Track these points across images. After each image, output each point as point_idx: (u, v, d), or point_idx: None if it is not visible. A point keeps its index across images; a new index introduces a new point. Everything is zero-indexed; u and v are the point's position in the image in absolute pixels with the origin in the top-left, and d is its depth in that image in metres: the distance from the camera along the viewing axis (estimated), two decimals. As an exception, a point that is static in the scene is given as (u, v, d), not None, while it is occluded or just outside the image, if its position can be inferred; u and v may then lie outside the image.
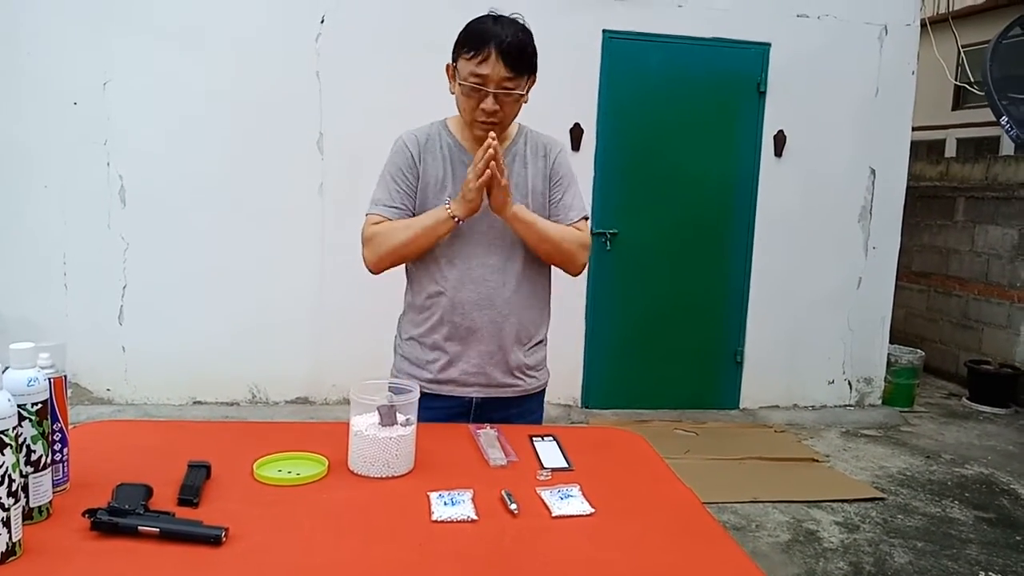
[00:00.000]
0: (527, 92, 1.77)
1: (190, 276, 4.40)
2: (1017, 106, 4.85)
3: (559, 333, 1.75)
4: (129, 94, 4.26)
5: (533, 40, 1.74)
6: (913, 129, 5.14)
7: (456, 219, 1.71)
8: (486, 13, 1.75)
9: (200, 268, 4.40)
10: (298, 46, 4.36)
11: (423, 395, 1.67)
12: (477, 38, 1.68)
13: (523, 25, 1.74)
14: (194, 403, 4.49)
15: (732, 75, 4.79)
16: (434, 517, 1.25)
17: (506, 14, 1.74)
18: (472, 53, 1.68)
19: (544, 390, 1.94)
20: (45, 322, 4.27)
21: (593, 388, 4.88)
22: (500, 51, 1.66)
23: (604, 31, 4.59)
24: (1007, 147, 8.30)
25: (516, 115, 1.80)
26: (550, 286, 1.92)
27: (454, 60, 1.75)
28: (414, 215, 1.79)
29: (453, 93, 1.78)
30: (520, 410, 1.87)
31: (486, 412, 1.82)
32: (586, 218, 1.88)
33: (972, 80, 7.41)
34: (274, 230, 4.45)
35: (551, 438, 1.65)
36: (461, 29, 1.74)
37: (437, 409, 1.77)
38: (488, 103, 1.71)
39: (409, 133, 1.85)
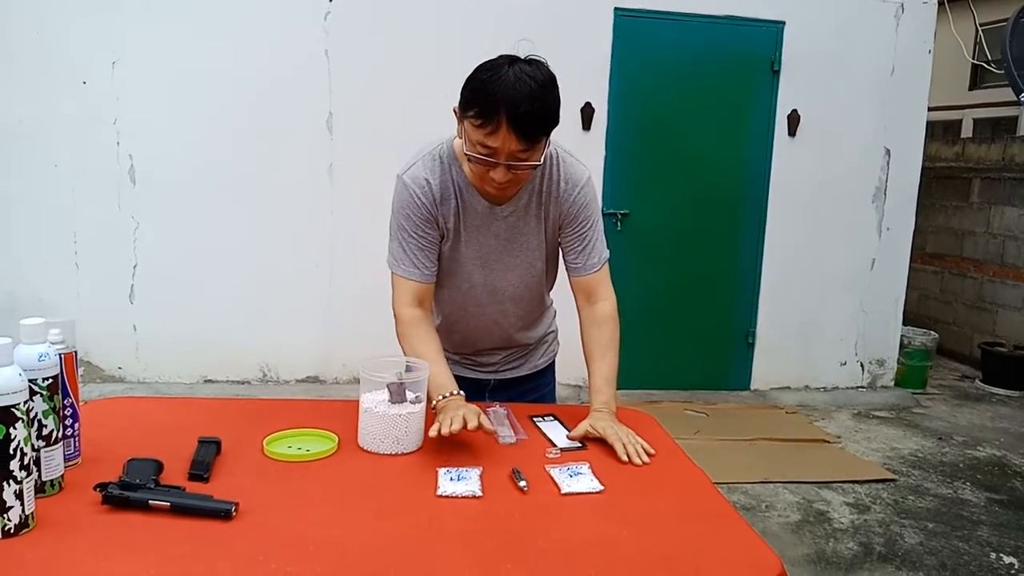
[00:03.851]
0: (545, 151, 1.49)
1: (200, 255, 4.41)
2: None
3: (571, 314, 1.73)
4: (138, 73, 4.24)
5: (555, 90, 1.42)
6: (929, 109, 5.07)
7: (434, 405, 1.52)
8: (500, 56, 1.42)
9: (210, 247, 4.40)
10: (307, 24, 4.33)
11: None
12: (486, 102, 1.37)
13: (544, 75, 1.40)
14: (205, 381, 4.52)
15: (746, 53, 4.73)
16: (439, 492, 1.26)
17: (523, 55, 1.42)
18: (480, 121, 1.39)
19: (553, 363, 1.94)
20: (56, 301, 4.29)
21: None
22: (512, 123, 1.37)
23: (616, 9, 4.52)
24: (1025, 127, 8.17)
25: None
26: (550, 285, 1.82)
27: (461, 113, 1.45)
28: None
29: (460, 138, 1.52)
30: (533, 385, 1.89)
31: (500, 391, 1.84)
32: (606, 260, 1.69)
33: (990, 59, 7.30)
34: (284, 210, 4.44)
35: (551, 417, 1.65)
36: (469, 77, 1.42)
37: None
38: (499, 174, 1.44)
39: (418, 180, 1.57)
